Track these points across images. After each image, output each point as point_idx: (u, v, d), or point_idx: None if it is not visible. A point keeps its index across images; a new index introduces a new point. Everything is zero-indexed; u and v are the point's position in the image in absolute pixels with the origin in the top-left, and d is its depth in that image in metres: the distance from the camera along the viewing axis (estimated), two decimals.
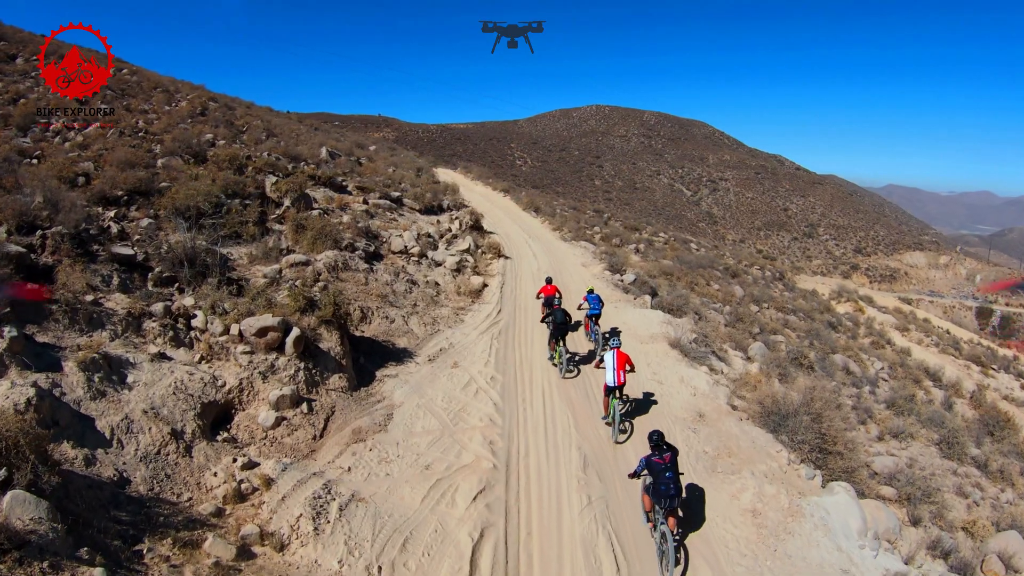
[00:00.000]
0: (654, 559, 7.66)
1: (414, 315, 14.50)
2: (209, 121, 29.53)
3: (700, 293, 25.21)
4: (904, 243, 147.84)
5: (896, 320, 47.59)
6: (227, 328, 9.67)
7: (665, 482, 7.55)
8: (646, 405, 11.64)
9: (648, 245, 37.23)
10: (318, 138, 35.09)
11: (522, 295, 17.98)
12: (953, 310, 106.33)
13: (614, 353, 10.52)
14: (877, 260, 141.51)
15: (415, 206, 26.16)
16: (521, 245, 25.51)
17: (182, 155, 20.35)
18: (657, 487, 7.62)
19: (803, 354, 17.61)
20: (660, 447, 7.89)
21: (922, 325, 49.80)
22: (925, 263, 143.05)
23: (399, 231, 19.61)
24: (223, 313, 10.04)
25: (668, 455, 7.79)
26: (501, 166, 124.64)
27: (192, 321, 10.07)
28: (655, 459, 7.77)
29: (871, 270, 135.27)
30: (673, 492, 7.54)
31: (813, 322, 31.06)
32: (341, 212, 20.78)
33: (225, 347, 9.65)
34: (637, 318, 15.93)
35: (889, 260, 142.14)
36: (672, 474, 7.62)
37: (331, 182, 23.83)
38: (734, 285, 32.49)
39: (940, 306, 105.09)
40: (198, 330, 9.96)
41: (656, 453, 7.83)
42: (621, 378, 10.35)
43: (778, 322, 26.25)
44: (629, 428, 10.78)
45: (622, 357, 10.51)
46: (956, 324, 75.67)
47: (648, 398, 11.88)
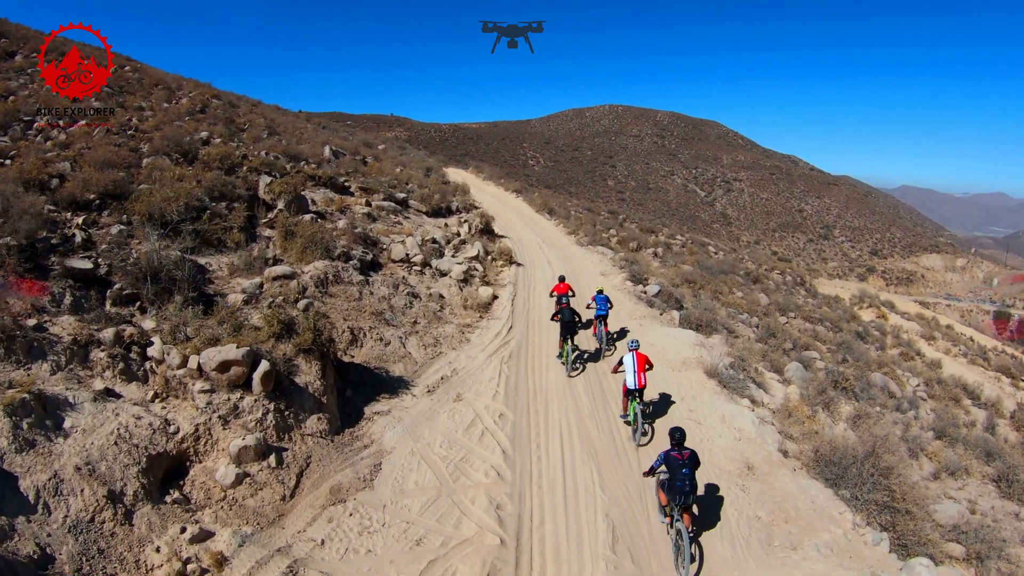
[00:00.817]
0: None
1: (413, 335, 12.94)
2: (208, 119, 28.18)
3: (725, 303, 23.55)
4: (920, 245, 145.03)
5: (921, 328, 45.89)
6: (185, 359, 8.16)
7: (681, 478, 7.51)
8: None
9: (666, 249, 35.55)
10: (322, 137, 33.67)
11: (536, 308, 16.38)
12: (971, 314, 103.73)
13: (633, 355, 10.33)
14: (893, 263, 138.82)
15: (422, 208, 24.67)
16: (534, 250, 23.92)
17: (171, 154, 18.95)
18: (673, 483, 7.58)
19: (843, 376, 15.92)
20: (681, 444, 7.83)
21: (947, 333, 48.09)
22: (942, 266, 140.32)
23: (401, 237, 18.07)
24: (184, 340, 8.54)
25: (687, 452, 7.75)
26: (513, 166, 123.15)
27: (148, 349, 8.58)
28: (674, 454, 7.71)
29: (887, 273, 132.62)
30: (688, 489, 7.50)
31: (841, 332, 29.30)
32: (340, 215, 19.31)
33: (183, 382, 8.15)
34: (666, 339, 14.14)
35: (905, 263, 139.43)
36: (689, 471, 7.59)
37: (332, 182, 22.39)
38: (757, 292, 30.80)
39: (957, 310, 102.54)
40: (154, 360, 8.48)
41: (675, 449, 7.77)
42: (642, 380, 10.19)
43: (808, 334, 24.55)
44: (650, 431, 10.45)
45: (641, 358, 10.33)
46: (974, 328, 73.59)
47: None
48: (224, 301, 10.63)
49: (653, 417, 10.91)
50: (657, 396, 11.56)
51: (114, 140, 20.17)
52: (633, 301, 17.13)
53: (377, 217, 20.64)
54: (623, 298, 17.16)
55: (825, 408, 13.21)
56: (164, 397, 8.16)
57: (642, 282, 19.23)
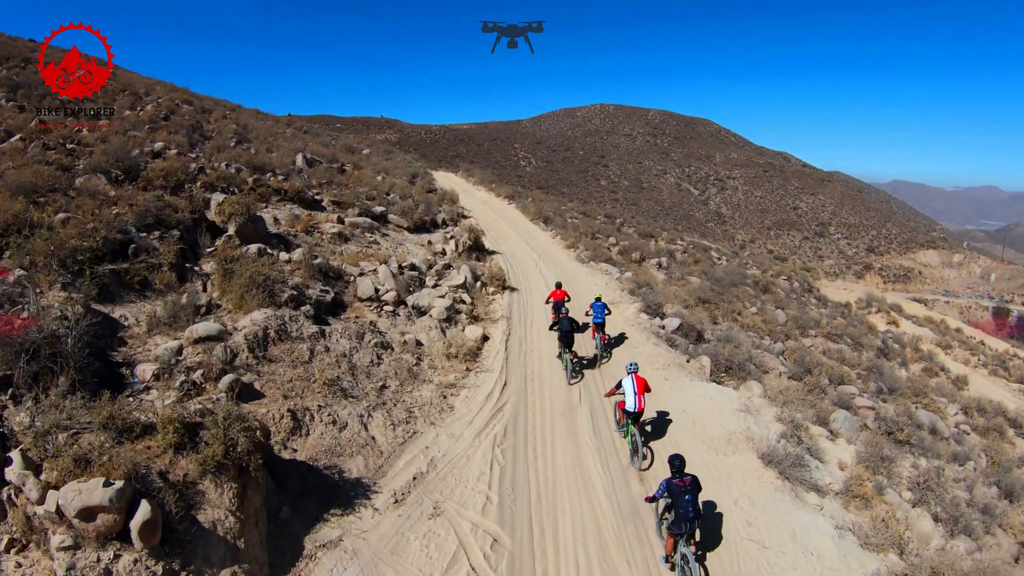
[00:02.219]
0: None
1: (379, 409, 10.17)
2: (169, 126, 25.58)
3: (744, 324, 21.26)
4: (917, 241, 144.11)
5: (934, 334, 44.12)
6: (44, 494, 5.69)
7: (684, 505, 7.38)
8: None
9: (670, 258, 33.18)
10: (296, 143, 31.07)
11: (535, 351, 13.88)
12: (970, 310, 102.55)
13: (633, 378, 10.29)
14: (890, 260, 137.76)
15: (402, 223, 22.17)
16: (530, 270, 21.49)
17: (110, 171, 16.41)
18: (676, 511, 7.43)
19: (896, 424, 13.61)
20: (682, 471, 7.66)
21: (959, 338, 46.43)
22: (939, 262, 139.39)
23: (374, 264, 15.51)
24: (55, 454, 6.06)
25: (689, 479, 7.59)
26: (505, 167, 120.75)
27: (6, 470, 6.10)
28: (676, 482, 7.54)
29: (884, 270, 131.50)
30: (692, 515, 7.39)
31: (863, 349, 27.12)
32: (306, 236, 16.82)
33: (43, 526, 5.68)
34: (701, 402, 11.49)
35: (902, 259, 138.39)
36: (692, 497, 7.44)
37: (300, 196, 19.86)
38: (770, 305, 28.57)
39: (956, 306, 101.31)
40: (13, 488, 6.00)
41: (677, 476, 7.60)
42: (641, 404, 10.14)
43: (834, 356, 22.30)
44: (650, 454, 10.19)
45: (640, 382, 10.29)
46: (973, 325, 72.07)
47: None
48: (131, 376, 8.13)
49: (651, 437, 10.65)
50: (655, 413, 11.32)
51: (48, 156, 17.64)
52: (652, 342, 14.59)
53: (350, 236, 18.13)
54: (640, 337, 14.69)
55: (886, 473, 10.87)
56: (24, 545, 5.69)
57: (658, 313, 16.77)
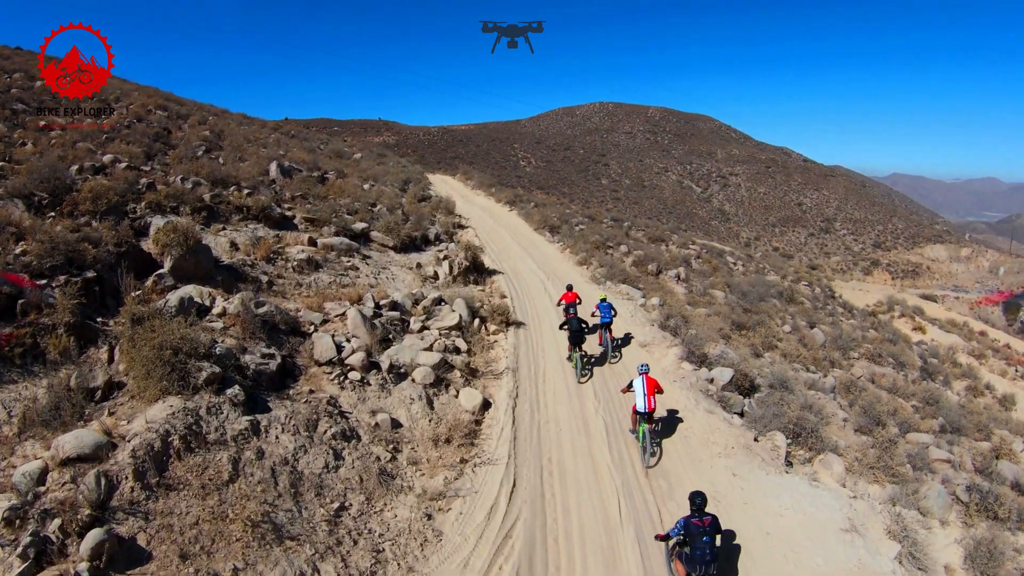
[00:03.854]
0: None
1: (331, 556, 6.89)
2: (130, 136, 22.74)
3: (785, 352, 18.47)
4: (923, 236, 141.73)
5: (964, 342, 41.65)
6: None
7: (702, 547, 6.89)
8: None
9: (687, 267, 30.33)
10: (274, 150, 28.19)
11: (551, 421, 10.87)
12: (979, 306, 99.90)
13: (643, 379, 10.41)
14: (898, 255, 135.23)
15: (387, 242, 19.31)
16: (538, 295, 18.63)
17: (34, 194, 13.63)
18: (693, 553, 6.94)
19: (996, 498, 10.79)
20: (702, 510, 7.14)
21: (988, 344, 44.17)
22: (946, 256, 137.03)
23: (342, 307, 12.50)
24: None
25: (708, 519, 7.06)
26: (504, 167, 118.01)
27: None
28: (694, 521, 7.04)
29: (892, 266, 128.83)
30: (710, 558, 6.89)
31: (905, 369, 24.38)
32: (267, 266, 14.00)
33: None
34: (792, 519, 8.43)
35: (910, 255, 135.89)
36: (710, 539, 6.94)
37: (266, 214, 16.99)
38: (800, 319, 25.82)
39: (966, 302, 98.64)
40: None
41: (696, 515, 7.09)
42: (652, 404, 10.24)
43: (884, 385, 19.51)
44: (659, 451, 10.39)
45: (651, 383, 10.42)
46: (985, 321, 69.72)
47: None
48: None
49: (661, 436, 10.71)
50: (665, 412, 11.34)
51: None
52: (703, 406, 11.49)
53: (322, 263, 15.29)
54: (687, 400, 11.68)
55: None
56: None
57: (702, 359, 13.75)
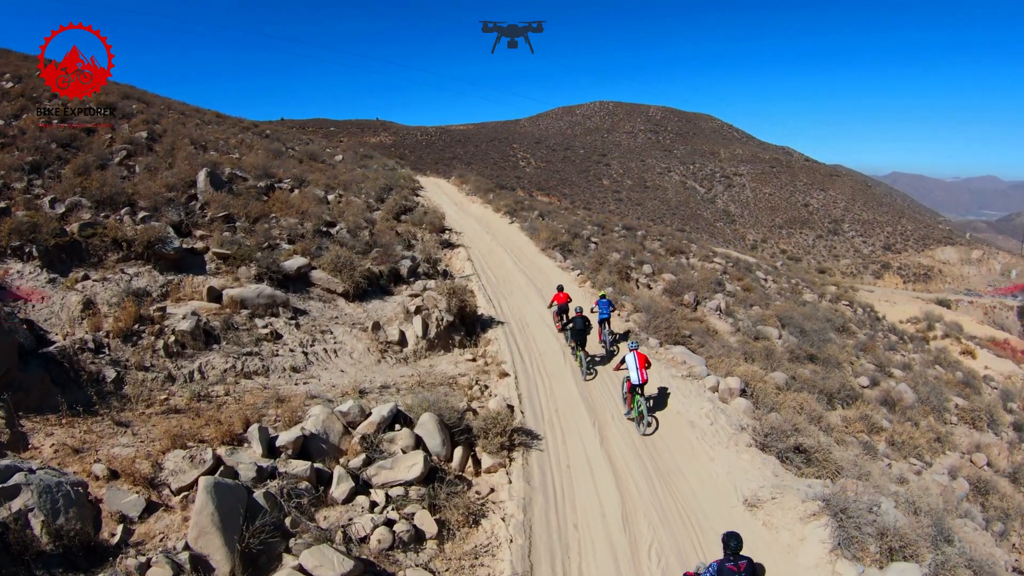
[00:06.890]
0: None
1: None
2: (21, 142, 18.00)
3: (891, 438, 13.95)
4: (933, 237, 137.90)
5: (1018, 368, 37.61)
6: None
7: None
8: None
9: (723, 292, 25.73)
10: (216, 155, 23.15)
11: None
12: (994, 311, 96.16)
13: (634, 355, 11.30)
14: (908, 257, 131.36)
15: (335, 286, 14.43)
16: (557, 366, 13.99)
17: None
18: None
19: None
20: (737, 554, 6.35)
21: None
22: (957, 259, 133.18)
23: (192, 471, 7.30)
24: None
25: (744, 563, 6.33)
26: (504, 168, 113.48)
27: None
28: (729, 566, 6.31)
29: (903, 269, 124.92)
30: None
31: (999, 428, 19.84)
32: (122, 347, 9.33)
33: None
34: None
35: (920, 257, 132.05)
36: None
37: (156, 251, 12.09)
38: (868, 361, 21.31)
39: (980, 306, 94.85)
40: None
41: (731, 559, 6.32)
42: (644, 376, 11.07)
43: (1002, 464, 15.03)
44: (654, 422, 11.18)
45: (641, 357, 11.33)
46: (1000, 327, 65.83)
47: None
48: None
49: (654, 409, 11.55)
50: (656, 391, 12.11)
51: None
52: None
53: (223, 331, 10.50)
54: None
55: None
56: None
57: (791, 459, 9.11)
